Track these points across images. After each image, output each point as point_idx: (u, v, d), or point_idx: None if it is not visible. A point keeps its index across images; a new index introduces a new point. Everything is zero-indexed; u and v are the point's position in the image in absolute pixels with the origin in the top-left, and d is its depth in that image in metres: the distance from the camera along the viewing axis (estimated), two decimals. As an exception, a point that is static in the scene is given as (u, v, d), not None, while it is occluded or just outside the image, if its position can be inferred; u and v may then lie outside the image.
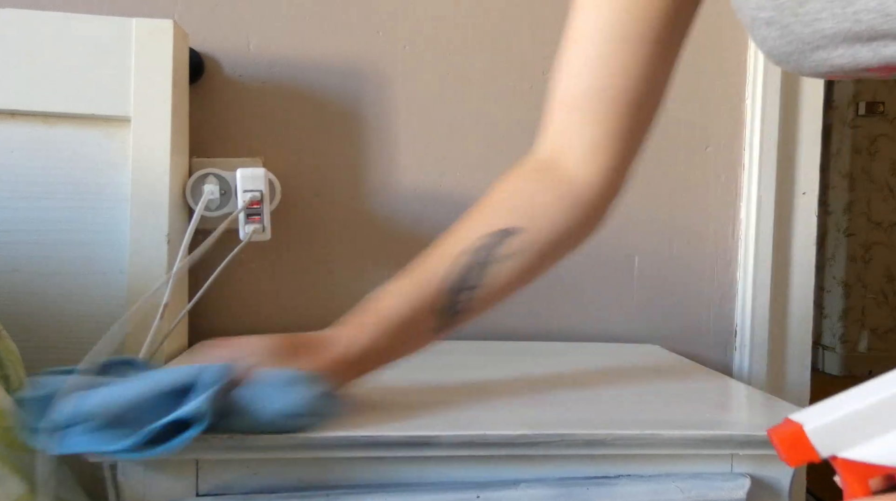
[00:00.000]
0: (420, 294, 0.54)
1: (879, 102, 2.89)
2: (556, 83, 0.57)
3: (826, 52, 0.39)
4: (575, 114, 0.55)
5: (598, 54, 0.54)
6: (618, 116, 0.54)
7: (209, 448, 0.48)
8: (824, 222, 3.04)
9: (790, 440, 0.35)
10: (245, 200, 0.79)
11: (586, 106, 0.55)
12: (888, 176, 2.96)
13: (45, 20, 0.73)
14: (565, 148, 0.57)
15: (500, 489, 0.51)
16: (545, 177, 0.57)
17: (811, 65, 0.41)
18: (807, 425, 0.35)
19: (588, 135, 0.55)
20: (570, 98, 0.56)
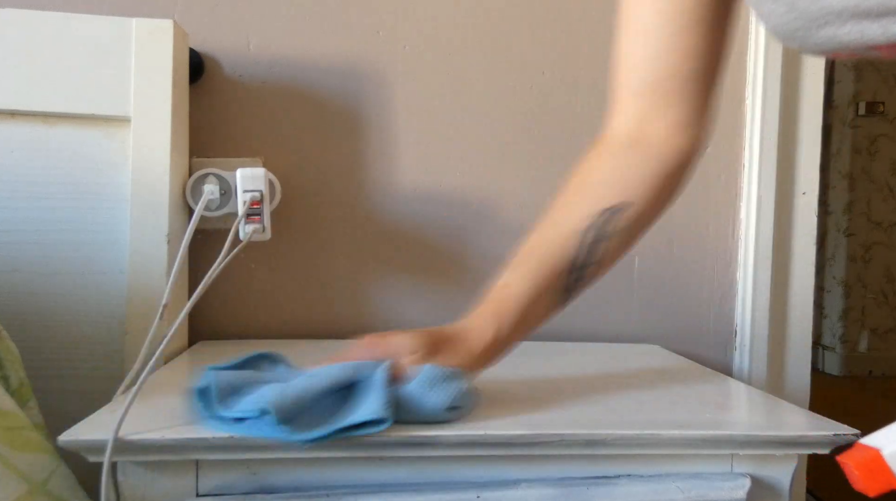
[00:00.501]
0: (540, 278, 0.56)
1: (879, 102, 2.89)
2: (625, 73, 0.60)
3: (833, 29, 0.39)
4: (654, 98, 0.58)
5: (665, 42, 0.56)
6: (696, 94, 0.58)
7: (209, 448, 0.48)
8: (824, 222, 3.04)
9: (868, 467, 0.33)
10: (245, 200, 0.79)
11: (665, 90, 0.57)
12: (888, 176, 2.96)
13: (45, 20, 0.73)
14: (651, 128, 0.59)
15: (500, 489, 0.51)
16: (637, 153, 0.59)
17: (817, 42, 0.41)
18: (885, 450, 0.33)
19: (673, 115, 0.58)
20: (646, 85, 0.58)
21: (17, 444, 0.48)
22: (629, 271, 1.02)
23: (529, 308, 0.57)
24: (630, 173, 0.58)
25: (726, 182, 1.04)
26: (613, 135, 0.61)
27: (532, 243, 0.59)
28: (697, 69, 0.57)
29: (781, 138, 1.03)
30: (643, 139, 0.59)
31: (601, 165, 0.60)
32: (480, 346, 0.55)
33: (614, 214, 0.57)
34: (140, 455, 0.48)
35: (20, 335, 0.69)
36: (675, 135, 0.59)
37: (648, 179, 0.58)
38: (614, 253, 0.59)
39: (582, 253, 0.57)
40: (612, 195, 0.57)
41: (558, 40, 0.99)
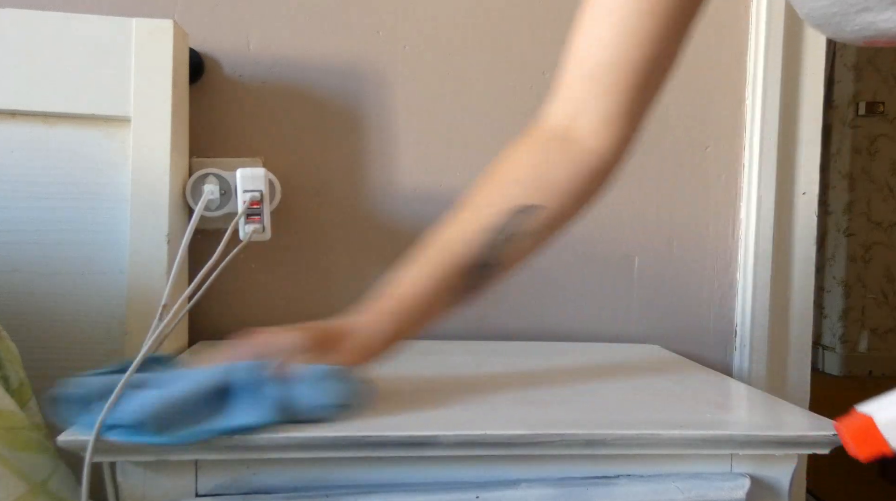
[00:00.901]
0: (439, 275, 0.54)
1: (879, 102, 2.89)
2: (574, 55, 0.57)
3: (872, 15, 0.38)
4: (593, 84, 0.55)
5: (620, 27, 0.54)
6: (633, 88, 0.55)
7: (209, 448, 0.48)
8: (824, 222, 3.04)
9: (861, 433, 0.33)
10: (245, 200, 0.79)
11: (605, 77, 0.55)
12: (888, 176, 2.96)
13: (45, 20, 0.73)
14: (580, 117, 0.56)
15: (500, 489, 0.51)
16: (560, 149, 0.56)
17: (854, 28, 0.40)
18: (877, 416, 0.33)
19: (604, 106, 0.55)
20: (589, 69, 0.55)
21: (17, 444, 0.48)
22: (629, 271, 1.02)
23: (426, 306, 0.55)
24: (549, 173, 0.56)
25: (726, 182, 1.04)
26: (544, 124, 0.58)
27: (438, 238, 0.56)
28: (644, 60, 0.54)
29: (781, 138, 1.03)
30: (569, 133, 0.57)
31: (523, 158, 0.57)
32: (371, 343, 0.54)
33: (527, 215, 0.55)
34: (140, 455, 0.48)
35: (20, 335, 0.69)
36: (602, 132, 0.56)
37: (567, 181, 0.56)
38: (520, 255, 0.56)
39: (487, 254, 0.54)
40: (527, 195, 0.55)
41: (558, 40, 0.99)
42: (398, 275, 0.56)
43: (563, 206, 0.56)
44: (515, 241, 0.55)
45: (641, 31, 0.53)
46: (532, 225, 0.55)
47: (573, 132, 0.57)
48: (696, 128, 1.03)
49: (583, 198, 0.57)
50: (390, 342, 0.56)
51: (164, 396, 0.47)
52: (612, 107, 0.55)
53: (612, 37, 0.54)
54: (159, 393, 0.48)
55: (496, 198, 0.56)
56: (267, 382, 0.50)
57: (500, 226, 0.54)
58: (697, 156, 1.03)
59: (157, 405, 0.46)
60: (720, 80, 1.03)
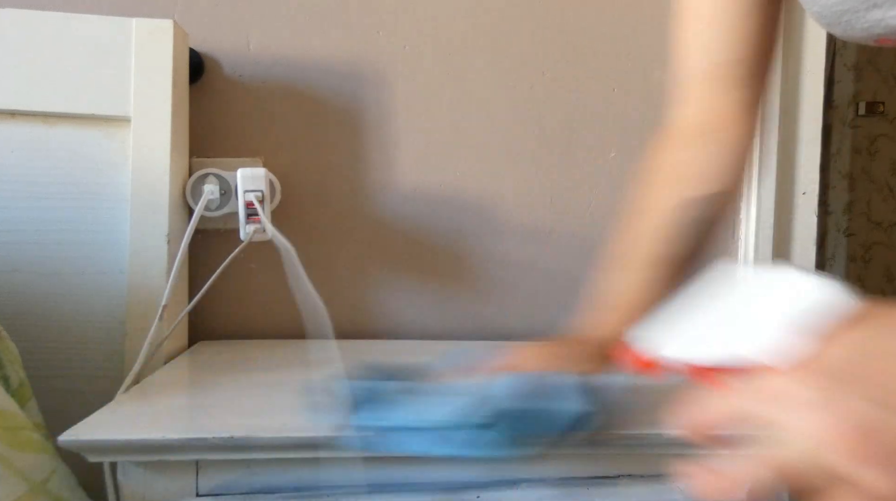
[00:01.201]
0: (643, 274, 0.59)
1: (879, 102, 2.89)
2: (689, 60, 0.62)
3: (882, 11, 0.39)
4: (719, 82, 0.60)
5: (726, 28, 0.58)
6: (757, 76, 0.60)
7: (209, 448, 0.48)
8: (824, 222, 3.04)
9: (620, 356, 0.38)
10: (245, 200, 0.79)
11: (729, 73, 0.60)
12: (888, 176, 2.96)
13: (45, 20, 0.73)
14: (717, 112, 0.61)
15: (500, 489, 0.51)
16: (712, 142, 0.61)
17: (864, 25, 0.41)
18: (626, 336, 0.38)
19: (737, 97, 0.60)
20: (710, 70, 0.60)
21: (17, 444, 0.48)
22: (629, 271, 1.01)
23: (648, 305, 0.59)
24: (710, 162, 0.61)
25: (726, 182, 1.04)
26: (685, 124, 0.63)
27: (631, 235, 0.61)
28: (755, 53, 0.59)
29: (781, 138, 1.03)
30: (714, 124, 0.61)
31: (682, 157, 0.62)
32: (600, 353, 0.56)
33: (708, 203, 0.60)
34: (140, 455, 0.48)
35: (20, 335, 0.69)
36: (742, 118, 0.61)
37: (727, 166, 0.61)
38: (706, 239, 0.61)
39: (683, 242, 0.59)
40: (701, 185, 0.60)
41: (558, 40, 0.99)
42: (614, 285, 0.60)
43: (728, 187, 0.61)
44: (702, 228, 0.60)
45: (741, 30, 0.58)
46: (713, 210, 0.60)
47: (715, 124, 0.61)
48: (696, 128, 1.03)
49: (741, 175, 0.63)
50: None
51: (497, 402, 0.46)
52: (744, 97, 0.60)
53: (718, 43, 0.59)
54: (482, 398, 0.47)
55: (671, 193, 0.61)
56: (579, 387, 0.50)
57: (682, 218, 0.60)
58: (697, 156, 1.03)
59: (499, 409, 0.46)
60: (720, 79, 1.03)
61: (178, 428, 0.48)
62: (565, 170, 1.00)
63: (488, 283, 0.98)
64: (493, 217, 0.98)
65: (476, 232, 0.97)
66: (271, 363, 0.73)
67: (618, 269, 0.61)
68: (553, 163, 0.99)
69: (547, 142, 0.99)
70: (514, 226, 0.98)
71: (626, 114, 1.01)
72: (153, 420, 0.51)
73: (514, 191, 0.98)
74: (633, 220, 0.62)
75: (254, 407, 0.54)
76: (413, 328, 0.96)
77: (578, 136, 1.00)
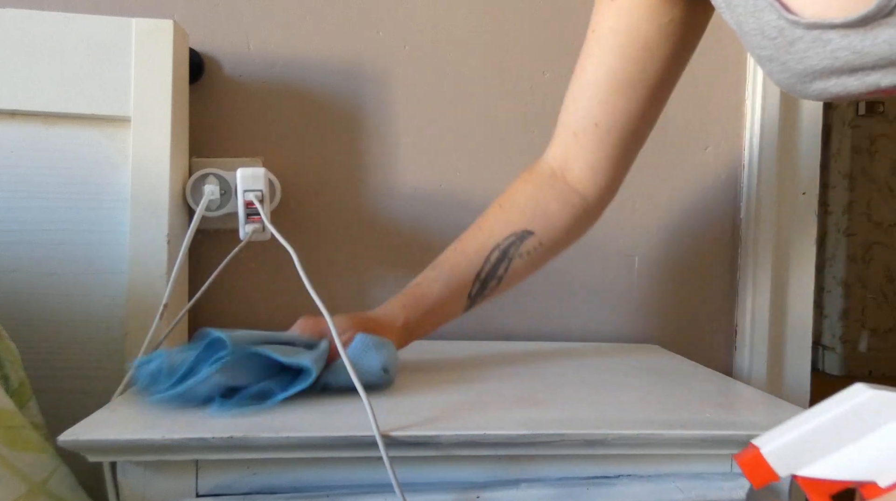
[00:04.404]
0: (456, 280, 0.65)
1: (879, 102, 2.89)
2: (565, 111, 0.67)
3: (822, 83, 0.45)
4: (578, 140, 0.66)
5: (602, 96, 0.63)
6: (613, 146, 0.65)
7: (209, 448, 0.48)
8: (824, 222, 3.04)
9: (750, 463, 0.38)
10: (245, 200, 0.79)
11: (588, 137, 0.65)
12: (888, 176, 2.97)
13: (45, 20, 0.73)
14: (570, 165, 0.67)
15: (500, 489, 0.51)
16: (554, 186, 0.67)
17: (814, 93, 0.46)
18: (763, 448, 0.38)
19: (588, 159, 0.66)
20: (575, 127, 0.66)
21: (17, 444, 0.48)
22: (629, 271, 1.02)
23: (436, 307, 0.65)
24: (541, 205, 0.66)
25: (726, 181, 1.04)
26: (543, 165, 0.69)
27: (449, 251, 0.67)
28: (623, 125, 0.64)
29: (781, 138, 1.03)
30: (562, 175, 0.67)
31: (521, 191, 0.68)
32: (392, 332, 0.63)
33: (520, 239, 0.66)
34: (140, 455, 0.48)
35: (20, 335, 0.69)
36: (587, 179, 0.67)
37: (557, 214, 0.67)
38: (516, 273, 0.67)
39: (486, 269, 0.66)
40: (522, 222, 0.66)
41: (558, 40, 0.99)
42: (416, 279, 0.66)
43: (553, 235, 0.67)
44: (512, 260, 0.66)
45: (617, 105, 0.63)
46: (525, 247, 0.66)
47: (565, 175, 0.67)
48: (696, 128, 1.03)
49: (570, 230, 0.68)
50: (406, 334, 0.65)
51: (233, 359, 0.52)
52: (594, 161, 0.66)
53: (590, 107, 0.64)
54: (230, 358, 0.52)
55: (498, 222, 0.67)
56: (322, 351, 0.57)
57: (499, 247, 0.65)
58: (697, 156, 1.03)
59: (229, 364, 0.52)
60: (720, 79, 1.03)
61: (178, 428, 0.48)
62: (565, 170, 0.99)
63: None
64: (493, 217, 0.98)
65: (476, 232, 0.97)
66: (271, 363, 0.73)
67: (427, 270, 0.66)
68: (553, 163, 0.99)
69: (547, 142, 0.99)
70: (514, 226, 0.98)
71: (626, 114, 1.01)
72: (153, 420, 0.51)
73: (514, 191, 0.98)
74: (463, 234, 0.68)
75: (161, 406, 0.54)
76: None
77: (578, 136, 1.00)
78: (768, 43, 0.46)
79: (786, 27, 0.44)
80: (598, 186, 0.67)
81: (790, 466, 0.37)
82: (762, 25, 0.46)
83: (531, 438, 0.51)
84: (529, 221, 0.66)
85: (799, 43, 0.44)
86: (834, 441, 0.36)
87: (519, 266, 0.66)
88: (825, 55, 0.43)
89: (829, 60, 0.43)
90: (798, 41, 0.44)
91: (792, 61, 0.45)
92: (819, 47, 0.43)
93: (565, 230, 0.67)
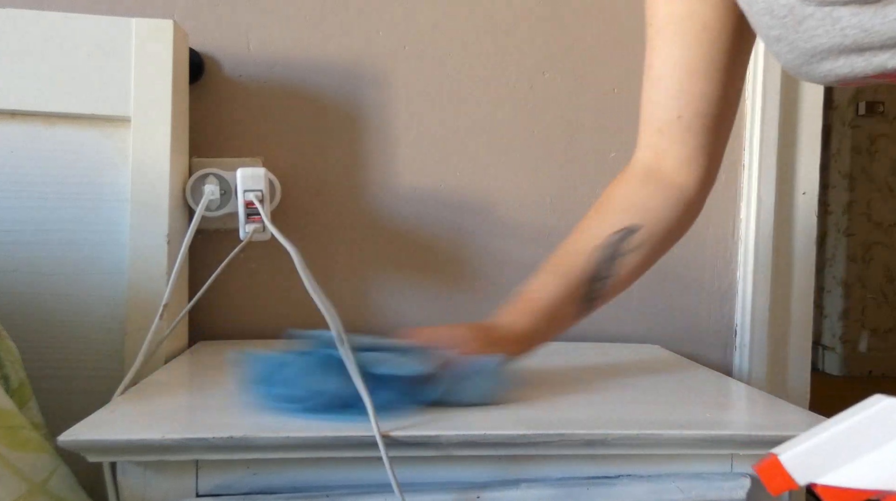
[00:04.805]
0: (563, 285, 0.64)
1: (879, 102, 2.89)
2: (644, 110, 0.67)
3: (829, 63, 0.45)
4: (665, 136, 0.65)
5: (676, 87, 0.63)
6: (701, 134, 0.64)
7: (209, 448, 0.48)
8: (824, 222, 3.04)
9: (769, 471, 0.38)
10: (245, 200, 0.79)
11: (673, 130, 0.64)
12: (888, 176, 2.96)
13: (45, 20, 0.73)
14: (662, 161, 0.66)
15: (500, 489, 0.51)
16: (650, 183, 0.66)
17: (821, 74, 0.46)
18: (782, 455, 0.37)
19: (678, 152, 0.65)
20: (658, 124, 0.65)
21: (17, 444, 0.48)
22: (629, 271, 1.02)
23: (554, 310, 0.64)
24: (643, 200, 0.65)
25: (726, 182, 1.04)
26: (635, 165, 0.68)
27: (558, 255, 0.66)
28: (705, 111, 0.63)
29: (781, 138, 1.03)
30: (657, 171, 0.66)
31: (621, 191, 0.67)
32: (515, 340, 0.63)
33: (627, 235, 0.64)
34: (140, 455, 0.48)
35: (20, 335, 0.69)
36: (684, 170, 0.65)
37: (658, 206, 0.65)
38: (630, 270, 0.66)
39: (599, 268, 0.64)
40: (627, 218, 0.65)
41: (558, 40, 0.99)
42: (527, 286, 0.66)
43: (659, 228, 0.66)
44: (623, 257, 0.65)
45: (693, 93, 0.62)
46: (634, 242, 0.65)
47: (659, 171, 0.66)
48: (696, 128, 1.03)
49: (675, 222, 0.67)
50: (529, 340, 0.64)
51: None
52: (686, 152, 0.65)
53: (668, 100, 0.63)
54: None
55: (603, 221, 0.66)
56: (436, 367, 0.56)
57: (608, 245, 0.65)
58: (697, 156, 1.03)
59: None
60: (720, 79, 1.03)
61: (178, 428, 0.48)
62: (565, 170, 1.00)
63: (488, 283, 0.98)
64: (493, 217, 0.98)
65: (476, 232, 0.97)
66: (271, 363, 0.73)
67: (537, 275, 0.66)
68: (553, 163, 0.99)
69: (547, 142, 0.99)
70: (514, 226, 0.98)
71: (626, 114, 1.01)
72: (153, 420, 0.51)
73: (514, 191, 0.98)
74: (567, 238, 0.67)
75: (254, 407, 0.54)
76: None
77: (578, 136, 1.00)
78: (777, 22, 0.46)
79: (796, 5, 0.44)
80: (695, 176, 0.66)
81: (809, 474, 0.37)
82: (771, 4, 0.46)
83: (531, 438, 0.51)
84: (632, 218, 0.65)
85: (809, 21, 0.44)
86: (854, 450, 0.36)
87: (630, 262, 0.65)
88: (835, 33, 0.43)
89: (839, 38, 0.43)
90: (808, 19, 0.44)
91: (800, 40, 0.45)
92: (829, 25, 0.43)
93: (670, 223, 0.66)
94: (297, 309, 0.94)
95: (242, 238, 0.78)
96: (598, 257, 0.64)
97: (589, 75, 1.00)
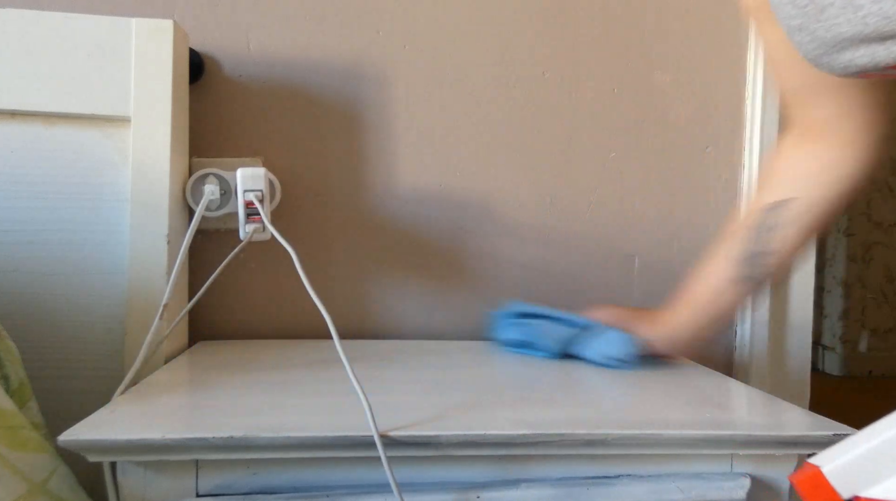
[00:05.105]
0: (721, 267, 0.68)
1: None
2: (784, 102, 0.67)
3: (850, 53, 0.45)
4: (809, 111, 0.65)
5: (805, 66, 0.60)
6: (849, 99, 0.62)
7: (209, 448, 0.48)
8: (824, 222, 3.04)
9: (811, 484, 0.35)
10: (245, 200, 0.79)
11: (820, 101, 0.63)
12: (888, 176, 2.96)
13: (45, 20, 0.73)
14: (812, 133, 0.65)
15: (500, 489, 0.51)
16: (804, 153, 0.66)
17: (841, 65, 0.46)
18: (824, 467, 0.35)
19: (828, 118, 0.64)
20: (794, 93, 0.65)
21: (17, 444, 0.48)
22: (629, 271, 1.02)
23: (715, 296, 0.69)
24: (796, 171, 0.66)
25: (726, 182, 1.04)
26: (787, 139, 0.68)
27: (721, 236, 0.70)
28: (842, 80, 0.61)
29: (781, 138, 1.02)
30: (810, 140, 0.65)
31: (777, 165, 0.68)
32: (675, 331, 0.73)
33: (779, 207, 0.66)
34: (140, 455, 0.48)
35: (20, 335, 0.69)
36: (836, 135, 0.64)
37: (815, 175, 0.65)
38: (789, 242, 0.66)
39: (752, 245, 0.66)
40: (778, 192, 0.66)
41: (558, 40, 0.99)
42: (691, 277, 0.72)
43: (820, 195, 0.65)
44: (777, 230, 0.66)
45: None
46: (789, 215, 0.65)
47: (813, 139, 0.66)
48: (696, 128, 1.03)
49: (831, 191, 0.65)
50: (691, 330, 0.72)
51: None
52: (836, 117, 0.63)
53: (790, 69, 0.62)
54: None
55: (761, 197, 0.68)
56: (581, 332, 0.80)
57: (760, 220, 0.66)
58: (697, 156, 1.03)
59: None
60: (720, 79, 1.03)
61: (178, 428, 0.48)
62: (565, 170, 1.00)
63: (488, 283, 0.98)
64: (493, 217, 0.98)
65: (476, 232, 0.97)
66: (271, 363, 0.73)
67: (702, 261, 0.70)
68: (553, 163, 0.99)
69: (547, 141, 0.99)
70: (514, 225, 0.98)
71: (626, 114, 1.01)
72: (153, 420, 0.51)
73: (514, 191, 0.98)
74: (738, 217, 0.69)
75: (254, 407, 0.54)
76: (413, 328, 0.96)
77: (578, 136, 1.00)
78: (798, 11, 0.46)
79: None
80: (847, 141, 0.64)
81: (854, 487, 0.34)
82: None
83: (531, 438, 0.51)
84: (787, 190, 0.65)
85: (830, 9, 0.44)
86: None
87: (788, 235, 0.65)
88: (856, 21, 0.43)
89: (860, 27, 0.43)
90: (829, 7, 0.44)
91: (821, 29, 0.45)
92: (850, 13, 0.43)
93: (827, 192, 0.65)
94: (296, 310, 0.94)
95: (242, 238, 0.78)
96: (749, 235, 0.66)
97: (589, 75, 1.00)
